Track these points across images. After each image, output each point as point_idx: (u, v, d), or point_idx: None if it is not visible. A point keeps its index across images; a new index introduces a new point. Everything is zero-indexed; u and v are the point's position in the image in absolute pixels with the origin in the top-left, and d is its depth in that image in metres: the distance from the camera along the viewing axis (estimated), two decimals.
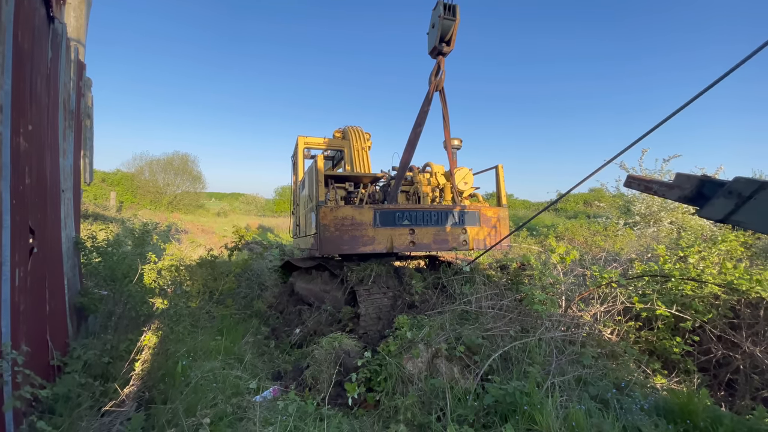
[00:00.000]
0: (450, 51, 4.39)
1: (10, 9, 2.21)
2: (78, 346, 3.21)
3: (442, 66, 4.51)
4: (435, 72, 4.57)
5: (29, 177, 2.57)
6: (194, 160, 30.46)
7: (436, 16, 4.27)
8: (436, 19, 4.26)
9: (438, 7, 4.23)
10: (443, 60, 4.50)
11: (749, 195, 1.40)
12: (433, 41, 4.37)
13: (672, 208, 11.19)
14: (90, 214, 14.32)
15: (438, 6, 4.23)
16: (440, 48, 4.35)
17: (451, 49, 4.37)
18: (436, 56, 4.49)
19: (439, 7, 4.18)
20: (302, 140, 7.64)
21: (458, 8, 4.17)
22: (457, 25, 4.21)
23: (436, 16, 4.27)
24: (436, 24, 4.26)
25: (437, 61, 4.50)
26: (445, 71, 4.53)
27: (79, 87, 4.59)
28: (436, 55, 4.48)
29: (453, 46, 4.36)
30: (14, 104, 2.22)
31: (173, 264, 5.64)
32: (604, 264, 6.00)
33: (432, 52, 4.49)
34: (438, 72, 4.54)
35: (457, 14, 4.18)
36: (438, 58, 4.48)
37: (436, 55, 4.48)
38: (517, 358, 3.37)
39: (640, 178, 2.04)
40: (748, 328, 3.83)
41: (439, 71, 4.53)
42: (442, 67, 4.51)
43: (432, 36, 4.40)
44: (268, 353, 4.50)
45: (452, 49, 4.37)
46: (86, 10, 5.40)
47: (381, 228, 4.63)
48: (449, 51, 4.39)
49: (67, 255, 3.76)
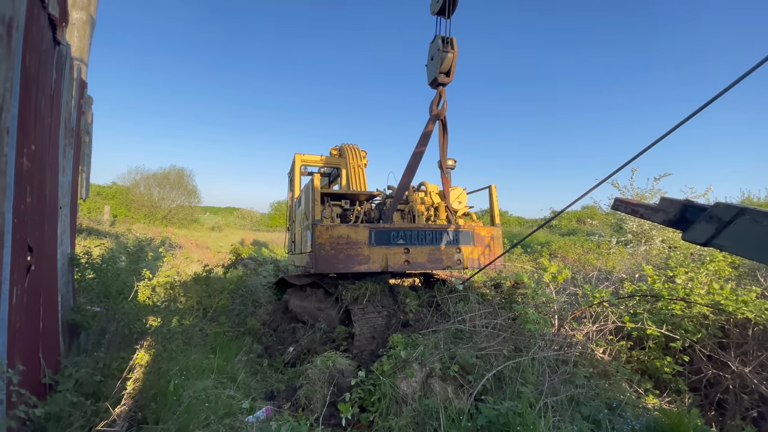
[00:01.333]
0: (449, 81, 4.52)
1: (20, 35, 2.29)
2: (70, 364, 3.18)
3: (443, 96, 4.61)
4: (436, 102, 4.67)
5: (30, 195, 2.61)
6: (190, 175, 30.56)
7: (435, 48, 4.41)
8: (435, 51, 4.41)
9: (436, 41, 4.39)
10: (444, 90, 4.61)
11: (729, 220, 1.47)
12: (432, 73, 4.50)
13: (663, 227, 11.36)
14: (84, 228, 14.22)
15: (436, 39, 4.39)
16: (440, 79, 4.46)
17: (451, 79, 4.50)
18: (435, 87, 4.61)
19: (438, 41, 4.34)
20: (299, 157, 7.74)
21: (456, 40, 4.33)
22: (456, 57, 4.35)
23: (435, 48, 4.41)
24: (435, 56, 4.40)
25: (438, 91, 4.61)
26: (446, 101, 4.63)
27: (80, 105, 4.67)
28: (436, 86, 4.60)
29: (452, 77, 4.49)
30: (20, 126, 2.29)
31: (168, 281, 5.62)
32: (596, 283, 6.07)
33: (432, 83, 4.61)
34: (439, 102, 4.64)
35: (455, 46, 4.32)
36: (438, 88, 4.60)
37: (436, 86, 4.60)
38: (511, 377, 3.39)
39: (627, 201, 2.11)
40: (736, 348, 3.89)
41: (440, 101, 4.63)
42: (443, 97, 4.61)
43: (431, 68, 4.54)
44: (261, 372, 4.47)
45: (451, 79, 4.50)
46: (90, 31, 5.53)
47: (376, 247, 4.67)
48: (449, 81, 4.52)
49: (62, 271, 3.76)
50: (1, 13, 2.06)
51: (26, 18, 2.34)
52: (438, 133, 4.82)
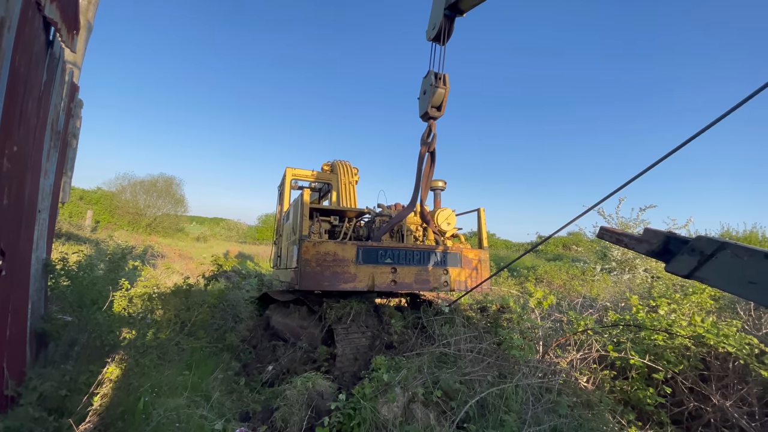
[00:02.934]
0: (440, 116, 4.58)
1: (11, 36, 2.26)
2: (35, 376, 3.02)
3: (434, 129, 4.66)
4: (426, 134, 4.72)
5: (8, 197, 2.52)
6: (179, 183, 30.18)
7: (428, 84, 4.48)
8: (428, 86, 4.48)
9: (429, 76, 4.47)
10: (434, 123, 4.66)
11: (711, 254, 1.49)
12: (424, 107, 4.56)
13: (646, 257, 11.56)
14: (63, 233, 13.81)
15: (429, 75, 4.48)
16: (431, 113, 4.53)
17: (442, 114, 4.56)
18: (427, 120, 4.67)
19: (431, 76, 4.42)
20: (290, 171, 7.71)
21: (448, 77, 4.42)
22: (447, 93, 4.43)
23: (428, 84, 4.48)
24: (428, 91, 4.47)
25: (428, 124, 4.67)
26: (436, 134, 4.67)
27: (69, 108, 4.60)
28: (427, 119, 4.66)
29: (443, 112, 4.56)
30: (3, 126, 2.23)
31: (146, 291, 5.44)
32: (581, 310, 6.09)
33: (423, 117, 4.67)
34: (429, 134, 4.69)
35: (447, 83, 4.41)
36: (429, 121, 4.66)
37: (427, 119, 4.66)
38: (494, 404, 3.32)
39: (612, 230, 2.14)
40: (717, 381, 3.91)
41: (430, 133, 4.68)
42: (434, 131, 4.66)
43: (423, 101, 4.60)
44: (237, 391, 4.30)
45: (442, 114, 4.56)
46: (86, 36, 5.52)
47: (363, 265, 4.62)
48: (440, 116, 4.58)
49: (34, 278, 3.61)
50: None
51: (19, 19, 2.32)
52: (425, 164, 4.83)
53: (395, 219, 5.04)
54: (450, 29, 4.38)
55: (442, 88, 4.39)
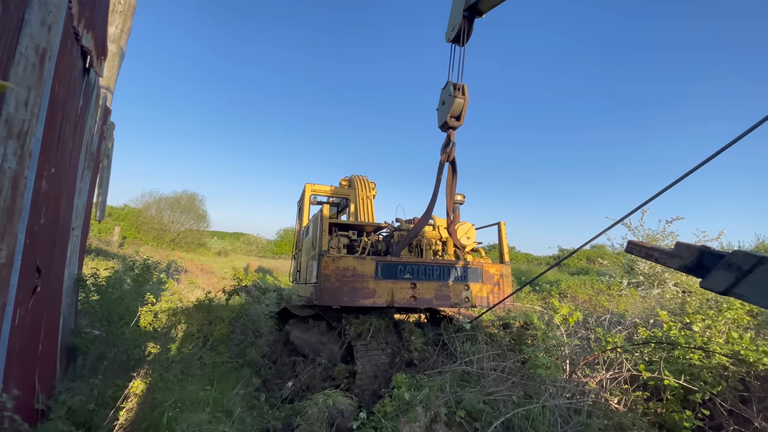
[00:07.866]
0: (459, 125, 4.59)
1: (52, 66, 2.41)
2: (64, 390, 3.10)
3: (453, 138, 4.68)
4: (446, 144, 4.75)
5: (45, 217, 2.64)
6: (201, 199, 31.04)
7: (447, 94, 4.52)
8: (447, 97, 4.52)
9: (448, 87, 4.51)
10: (453, 133, 4.68)
11: (749, 269, 1.42)
12: (443, 117, 4.59)
13: (676, 271, 11.10)
14: (93, 249, 14.35)
15: (448, 86, 4.52)
16: (450, 123, 4.55)
17: (461, 123, 4.57)
18: (446, 130, 4.70)
19: (449, 87, 4.46)
20: (309, 187, 7.84)
21: (467, 87, 4.44)
22: (467, 103, 4.45)
23: (447, 94, 4.52)
24: (447, 102, 4.51)
25: (447, 134, 4.69)
26: (455, 143, 4.69)
27: (102, 130, 4.84)
28: (446, 129, 4.69)
29: (463, 121, 4.57)
30: (42, 150, 2.35)
31: (171, 306, 5.56)
32: (609, 326, 5.86)
33: (442, 127, 4.70)
34: (449, 144, 4.71)
35: (466, 93, 4.43)
36: (448, 131, 4.69)
37: (446, 129, 4.68)
38: (520, 426, 3.20)
39: (641, 244, 2.06)
40: (759, 402, 3.66)
41: (449, 143, 4.70)
42: (453, 140, 4.68)
43: (442, 112, 4.64)
44: (258, 407, 4.30)
45: (462, 123, 4.58)
46: (119, 62, 5.83)
47: (382, 280, 4.60)
48: (459, 125, 4.60)
49: (66, 293, 3.75)
50: (36, 44, 2.17)
51: (59, 49, 2.47)
52: (447, 175, 4.84)
53: (413, 232, 5.03)
54: (469, 30, 4.40)
55: (460, 98, 4.41)
